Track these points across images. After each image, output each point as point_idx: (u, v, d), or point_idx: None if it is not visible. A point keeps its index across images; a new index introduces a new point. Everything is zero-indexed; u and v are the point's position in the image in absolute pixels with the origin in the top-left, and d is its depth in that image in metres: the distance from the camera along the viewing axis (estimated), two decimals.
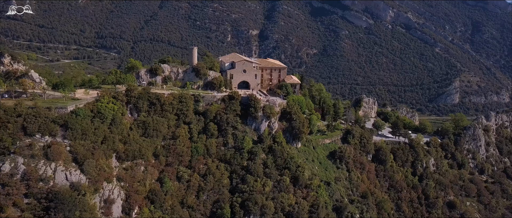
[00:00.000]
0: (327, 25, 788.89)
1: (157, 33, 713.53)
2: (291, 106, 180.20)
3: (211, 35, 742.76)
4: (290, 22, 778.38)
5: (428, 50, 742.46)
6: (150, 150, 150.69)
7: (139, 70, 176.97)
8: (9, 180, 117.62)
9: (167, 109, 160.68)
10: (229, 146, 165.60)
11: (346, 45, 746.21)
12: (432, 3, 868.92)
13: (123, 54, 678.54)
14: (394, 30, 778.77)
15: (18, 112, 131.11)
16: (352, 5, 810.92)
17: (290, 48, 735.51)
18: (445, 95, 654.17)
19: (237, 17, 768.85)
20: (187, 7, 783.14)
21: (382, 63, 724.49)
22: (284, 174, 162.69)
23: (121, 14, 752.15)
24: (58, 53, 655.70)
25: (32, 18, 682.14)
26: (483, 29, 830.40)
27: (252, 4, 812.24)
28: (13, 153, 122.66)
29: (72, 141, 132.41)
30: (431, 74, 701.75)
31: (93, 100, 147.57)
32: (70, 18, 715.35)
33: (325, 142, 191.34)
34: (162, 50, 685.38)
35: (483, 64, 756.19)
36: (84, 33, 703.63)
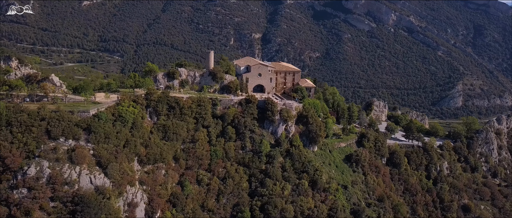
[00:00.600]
0: (330, 29, 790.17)
1: (160, 37, 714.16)
2: (308, 110, 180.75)
3: (214, 38, 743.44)
4: (292, 25, 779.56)
5: (431, 53, 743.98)
6: (171, 153, 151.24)
7: (157, 73, 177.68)
8: (35, 184, 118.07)
9: (186, 113, 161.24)
10: (247, 150, 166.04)
11: (349, 48, 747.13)
12: (434, 7, 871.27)
13: (126, 58, 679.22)
14: (396, 34, 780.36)
15: (41, 116, 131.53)
16: (354, 9, 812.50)
17: (293, 51, 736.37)
18: (448, 98, 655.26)
19: (240, 21, 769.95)
20: (190, 11, 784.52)
21: (385, 66, 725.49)
22: (302, 178, 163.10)
23: (124, 17, 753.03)
24: (62, 56, 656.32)
25: (35, 22, 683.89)
26: (485, 32, 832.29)
27: (255, 7, 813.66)
28: (38, 156, 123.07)
29: (95, 144, 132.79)
30: (434, 77, 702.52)
31: (113, 104, 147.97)
32: (73, 22, 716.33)
33: (341, 146, 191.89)
34: (165, 53, 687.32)
35: (485, 68, 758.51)
36: (87, 36, 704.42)
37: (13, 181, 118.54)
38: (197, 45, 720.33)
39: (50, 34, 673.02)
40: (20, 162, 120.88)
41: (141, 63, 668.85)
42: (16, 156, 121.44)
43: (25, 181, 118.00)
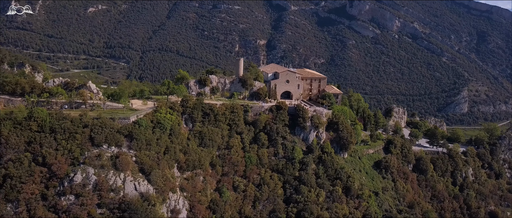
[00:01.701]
0: (334, 35, 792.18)
1: (166, 43, 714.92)
2: (338, 116, 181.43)
3: (219, 45, 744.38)
4: (297, 32, 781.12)
5: (435, 59, 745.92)
6: (207, 160, 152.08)
7: (189, 81, 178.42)
8: (82, 191, 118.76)
9: (220, 119, 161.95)
10: (280, 156, 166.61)
11: (354, 54, 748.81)
12: (437, 13, 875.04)
13: (132, 64, 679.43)
14: (400, 40, 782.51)
15: (84, 123, 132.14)
16: (358, 15, 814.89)
17: (298, 57, 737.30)
18: (454, 104, 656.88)
19: (245, 27, 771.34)
20: (195, 17, 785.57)
21: (389, 72, 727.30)
22: (336, 185, 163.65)
23: (129, 24, 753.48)
24: (68, 62, 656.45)
25: (41, 28, 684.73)
26: (488, 38, 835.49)
27: (259, 14, 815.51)
28: (83, 163, 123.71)
29: (137, 151, 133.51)
30: (439, 83, 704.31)
31: (151, 111, 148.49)
32: (79, 28, 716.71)
33: (369, 152, 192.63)
34: (171, 60, 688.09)
35: (490, 74, 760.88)
36: (93, 43, 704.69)
37: (60, 188, 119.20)
38: (203, 52, 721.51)
39: (56, 41, 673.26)
40: (66, 169, 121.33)
41: (147, 69, 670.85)
42: (62, 163, 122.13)
43: (72, 187, 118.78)
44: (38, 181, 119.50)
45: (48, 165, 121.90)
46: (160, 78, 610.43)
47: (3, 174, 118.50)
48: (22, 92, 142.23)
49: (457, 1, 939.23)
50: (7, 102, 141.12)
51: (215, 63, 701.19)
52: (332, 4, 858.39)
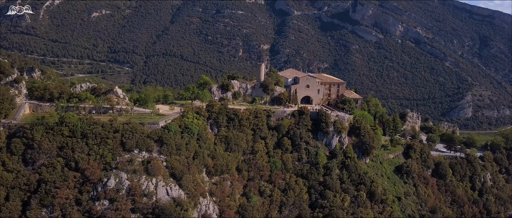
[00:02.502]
0: (337, 40, 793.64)
1: (170, 48, 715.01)
2: (360, 121, 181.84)
3: (223, 49, 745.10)
4: (300, 36, 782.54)
5: (438, 64, 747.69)
6: (234, 164, 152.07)
7: (211, 86, 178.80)
8: (116, 195, 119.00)
9: (244, 124, 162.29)
10: (304, 161, 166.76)
11: (357, 59, 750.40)
12: (439, 18, 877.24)
13: (136, 69, 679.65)
14: (404, 45, 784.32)
15: (114, 128, 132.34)
16: (361, 20, 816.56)
17: (302, 62, 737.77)
18: (458, 109, 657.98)
19: (248, 32, 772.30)
20: (199, 22, 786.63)
21: (393, 77, 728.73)
22: (360, 190, 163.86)
23: (133, 29, 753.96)
24: (72, 67, 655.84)
25: (45, 33, 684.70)
26: (491, 43, 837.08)
27: (263, 19, 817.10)
28: (115, 168, 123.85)
29: (168, 156, 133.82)
30: (442, 88, 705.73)
31: (178, 116, 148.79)
32: (83, 33, 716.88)
33: (389, 157, 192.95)
34: (175, 64, 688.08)
35: (493, 78, 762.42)
36: (97, 47, 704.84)
37: (93, 193, 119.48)
38: (207, 56, 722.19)
39: (60, 45, 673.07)
40: (99, 173, 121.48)
41: (151, 74, 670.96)
42: (94, 167, 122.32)
43: (106, 192, 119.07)
44: (72, 186, 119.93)
45: (81, 170, 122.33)
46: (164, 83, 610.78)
47: (37, 179, 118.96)
48: (51, 97, 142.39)
49: (459, 6, 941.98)
50: (36, 107, 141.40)
51: (219, 68, 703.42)
52: (335, 9, 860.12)
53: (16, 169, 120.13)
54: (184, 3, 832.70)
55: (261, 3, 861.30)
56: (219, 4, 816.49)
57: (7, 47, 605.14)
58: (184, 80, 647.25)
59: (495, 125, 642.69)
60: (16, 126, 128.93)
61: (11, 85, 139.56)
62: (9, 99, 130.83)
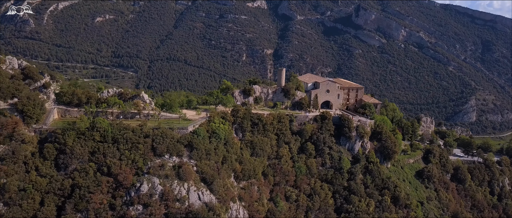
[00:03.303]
0: (340, 44, 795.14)
1: (173, 52, 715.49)
2: (381, 126, 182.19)
3: (227, 54, 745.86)
4: (303, 41, 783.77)
5: (442, 68, 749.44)
6: (260, 169, 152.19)
7: (233, 91, 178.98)
8: (149, 200, 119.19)
9: (268, 129, 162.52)
10: (327, 166, 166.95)
11: (360, 63, 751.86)
12: (442, 23, 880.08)
13: (140, 73, 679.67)
14: (407, 49, 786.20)
15: (145, 133, 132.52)
16: (364, 25, 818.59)
17: (305, 67, 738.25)
18: (462, 113, 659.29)
19: (252, 37, 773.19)
20: (202, 27, 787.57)
21: (396, 81, 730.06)
22: (384, 194, 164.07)
23: (136, 33, 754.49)
24: (76, 72, 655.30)
25: (49, 38, 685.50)
26: (493, 48, 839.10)
27: (266, 24, 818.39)
28: (147, 173, 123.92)
29: (198, 161, 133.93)
30: (446, 92, 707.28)
31: (205, 121, 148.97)
32: (87, 38, 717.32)
33: (410, 162, 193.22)
34: (179, 69, 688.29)
35: (496, 83, 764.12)
36: (101, 52, 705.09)
37: (127, 198, 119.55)
38: (210, 61, 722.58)
39: (64, 50, 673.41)
40: (131, 178, 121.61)
41: (155, 78, 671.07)
42: (127, 172, 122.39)
43: (140, 197, 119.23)
44: (105, 191, 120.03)
45: (113, 175, 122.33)
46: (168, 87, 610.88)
47: (71, 184, 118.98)
48: (79, 103, 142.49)
49: (461, 11, 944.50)
50: (64, 112, 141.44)
51: (223, 72, 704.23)
52: (338, 14, 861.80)
53: (49, 174, 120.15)
54: (188, 8, 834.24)
55: (264, 8, 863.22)
56: (222, 9, 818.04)
57: (11, 52, 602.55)
58: (188, 85, 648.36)
59: (499, 130, 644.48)
60: (47, 131, 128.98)
61: (40, 90, 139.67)
62: (40, 104, 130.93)
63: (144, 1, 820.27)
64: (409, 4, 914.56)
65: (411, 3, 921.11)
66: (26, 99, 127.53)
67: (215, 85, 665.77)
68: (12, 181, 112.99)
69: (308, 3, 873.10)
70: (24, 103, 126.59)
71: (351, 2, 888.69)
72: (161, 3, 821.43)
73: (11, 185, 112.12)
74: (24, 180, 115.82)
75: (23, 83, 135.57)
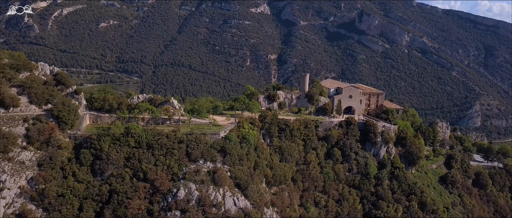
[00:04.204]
0: (344, 50, 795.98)
1: (178, 58, 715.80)
2: (405, 132, 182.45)
3: (231, 59, 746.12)
4: (307, 46, 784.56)
5: (445, 73, 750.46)
6: (289, 175, 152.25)
7: (258, 96, 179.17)
8: (186, 206, 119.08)
9: (295, 135, 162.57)
10: (354, 172, 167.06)
11: (364, 69, 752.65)
12: (444, 28, 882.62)
13: (145, 78, 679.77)
14: (410, 54, 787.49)
15: (179, 139, 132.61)
16: (367, 30, 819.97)
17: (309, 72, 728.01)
18: (467, 118, 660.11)
19: (256, 42, 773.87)
20: (206, 32, 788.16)
21: (400, 86, 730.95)
22: (412, 200, 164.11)
23: (140, 39, 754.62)
24: (81, 77, 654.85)
25: (54, 43, 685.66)
26: (496, 53, 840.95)
27: (269, 29, 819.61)
28: (183, 179, 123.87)
29: (231, 166, 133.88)
30: (450, 97, 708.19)
31: (234, 126, 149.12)
32: (91, 43, 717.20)
33: (432, 167, 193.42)
34: (183, 74, 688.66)
35: (500, 88, 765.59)
36: (105, 57, 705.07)
37: (164, 203, 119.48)
38: (214, 66, 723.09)
39: (68, 55, 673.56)
40: (168, 184, 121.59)
41: (160, 83, 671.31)
42: (163, 178, 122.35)
43: (177, 203, 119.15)
44: (142, 196, 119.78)
45: (150, 180, 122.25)
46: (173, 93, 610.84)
47: (109, 189, 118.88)
48: (110, 108, 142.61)
49: (463, 16, 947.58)
50: (96, 118, 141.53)
51: (227, 78, 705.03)
52: (341, 19, 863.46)
53: (86, 180, 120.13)
54: (191, 13, 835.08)
55: (268, 13, 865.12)
56: (226, 14, 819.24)
57: None
58: (193, 90, 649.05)
59: (504, 135, 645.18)
60: (81, 137, 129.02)
61: (71, 96, 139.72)
62: (74, 110, 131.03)
63: (148, 6, 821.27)
64: (411, 10, 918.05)
65: (413, 9, 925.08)
66: (61, 105, 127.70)
67: (219, 90, 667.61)
68: (51, 186, 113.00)
69: (311, 9, 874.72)
70: (60, 109, 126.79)
71: (353, 8, 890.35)
72: (165, 8, 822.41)
73: (50, 190, 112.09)
74: (62, 186, 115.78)
75: (56, 89, 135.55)
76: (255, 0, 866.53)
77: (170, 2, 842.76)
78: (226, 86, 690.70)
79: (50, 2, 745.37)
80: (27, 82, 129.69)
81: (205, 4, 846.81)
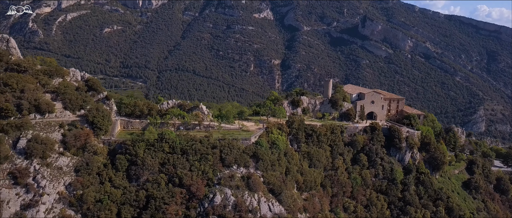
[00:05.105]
0: (347, 55, 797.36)
1: (182, 63, 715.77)
2: (429, 137, 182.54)
3: (235, 64, 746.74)
4: (311, 51, 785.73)
5: (449, 79, 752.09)
6: (319, 180, 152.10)
7: (282, 102, 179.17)
8: (223, 212, 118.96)
9: (322, 140, 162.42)
10: (380, 177, 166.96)
11: (368, 74, 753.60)
12: (447, 33, 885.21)
13: (149, 83, 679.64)
14: (413, 60, 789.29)
15: (211, 144, 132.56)
16: (371, 35, 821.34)
17: (313, 77, 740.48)
18: (471, 123, 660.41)
19: (259, 47, 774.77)
20: (210, 38, 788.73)
21: (404, 91, 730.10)
22: (439, 205, 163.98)
23: (144, 44, 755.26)
24: None
25: (58, 48, 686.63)
26: (498, 58, 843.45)
27: (273, 34, 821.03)
28: (218, 184, 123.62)
29: (264, 172, 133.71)
30: (454, 102, 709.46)
31: (263, 132, 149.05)
32: (95, 48, 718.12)
33: (455, 173, 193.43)
34: (188, 79, 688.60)
35: (504, 93, 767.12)
36: (110, 62, 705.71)
37: (200, 209, 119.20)
38: (219, 71, 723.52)
39: (73, 61, 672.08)
40: (204, 189, 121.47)
41: (165, 89, 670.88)
42: (199, 183, 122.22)
43: (214, 208, 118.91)
44: (179, 202, 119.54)
45: (185, 186, 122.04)
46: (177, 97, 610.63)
47: (146, 195, 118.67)
48: (140, 114, 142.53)
49: (465, 22, 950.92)
50: (127, 123, 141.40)
51: (231, 83, 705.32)
52: (344, 25, 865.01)
53: (122, 185, 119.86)
54: (195, 18, 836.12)
55: (271, 18, 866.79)
56: (229, 20, 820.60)
57: None
58: (198, 95, 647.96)
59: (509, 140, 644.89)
60: (115, 143, 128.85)
61: (102, 102, 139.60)
62: (108, 116, 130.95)
63: (151, 12, 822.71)
64: (413, 15, 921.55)
65: (415, 14, 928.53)
66: (95, 111, 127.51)
67: (224, 95, 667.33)
68: (89, 192, 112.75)
69: (314, 14, 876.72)
70: (94, 115, 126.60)
71: (356, 13, 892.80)
72: (169, 14, 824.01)
73: (88, 196, 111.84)
74: (99, 192, 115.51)
75: (88, 95, 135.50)
76: (258, 6, 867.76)
77: (174, 8, 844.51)
78: (230, 91, 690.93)
79: (54, 8, 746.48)
80: (60, 88, 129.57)
81: (209, 10, 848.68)
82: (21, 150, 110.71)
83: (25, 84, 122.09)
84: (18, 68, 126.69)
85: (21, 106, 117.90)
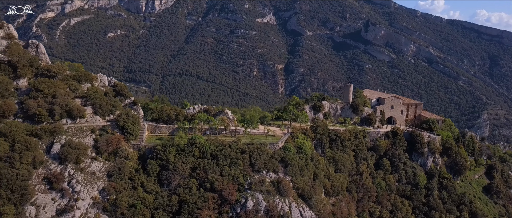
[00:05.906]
0: (350, 59, 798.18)
1: (185, 67, 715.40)
2: (450, 142, 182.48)
3: (238, 69, 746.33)
4: (314, 56, 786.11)
5: (452, 83, 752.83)
6: (345, 185, 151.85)
7: (304, 107, 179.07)
8: (255, 216, 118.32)
9: (346, 145, 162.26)
10: (403, 182, 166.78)
11: (371, 78, 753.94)
12: (449, 38, 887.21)
13: (153, 88, 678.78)
14: (416, 64, 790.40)
15: (240, 149, 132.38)
16: (374, 40, 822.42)
17: (316, 81, 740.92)
18: (475, 128, 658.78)
19: (262, 52, 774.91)
20: (213, 42, 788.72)
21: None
22: (462, 210, 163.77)
23: (148, 48, 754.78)
24: None
25: (62, 53, 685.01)
26: (501, 62, 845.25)
27: (276, 39, 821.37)
28: (249, 189, 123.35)
29: (293, 176, 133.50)
30: (457, 107, 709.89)
31: (289, 137, 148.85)
32: (99, 53, 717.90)
33: (475, 177, 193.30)
34: (191, 84, 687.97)
35: (507, 97, 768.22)
36: (113, 67, 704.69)
37: (233, 214, 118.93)
38: (222, 76, 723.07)
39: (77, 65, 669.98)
40: (235, 194, 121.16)
41: (169, 93, 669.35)
42: (231, 188, 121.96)
43: (247, 213, 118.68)
44: (212, 207, 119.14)
45: (217, 190, 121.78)
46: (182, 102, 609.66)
47: (178, 200, 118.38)
48: (167, 119, 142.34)
49: (467, 26, 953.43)
50: (154, 128, 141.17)
51: (235, 87, 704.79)
52: (347, 29, 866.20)
53: (154, 190, 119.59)
54: (198, 23, 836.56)
55: (273, 23, 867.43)
56: (232, 24, 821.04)
57: None
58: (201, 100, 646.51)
59: None
60: (145, 148, 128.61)
61: (130, 107, 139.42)
62: (137, 121, 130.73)
63: (154, 17, 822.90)
64: (416, 20, 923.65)
65: (418, 19, 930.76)
66: (125, 116, 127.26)
67: (228, 99, 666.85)
68: (123, 197, 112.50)
69: (317, 19, 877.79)
70: (125, 120, 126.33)
71: (359, 18, 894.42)
72: (172, 19, 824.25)
73: (122, 201, 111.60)
74: (132, 196, 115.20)
75: (117, 100, 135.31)
76: (261, 10, 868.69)
77: (177, 12, 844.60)
78: (234, 96, 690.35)
79: (58, 12, 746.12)
80: (90, 93, 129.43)
81: (212, 14, 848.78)
82: (55, 155, 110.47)
83: (56, 89, 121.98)
84: (49, 73, 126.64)
85: (53, 111, 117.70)
